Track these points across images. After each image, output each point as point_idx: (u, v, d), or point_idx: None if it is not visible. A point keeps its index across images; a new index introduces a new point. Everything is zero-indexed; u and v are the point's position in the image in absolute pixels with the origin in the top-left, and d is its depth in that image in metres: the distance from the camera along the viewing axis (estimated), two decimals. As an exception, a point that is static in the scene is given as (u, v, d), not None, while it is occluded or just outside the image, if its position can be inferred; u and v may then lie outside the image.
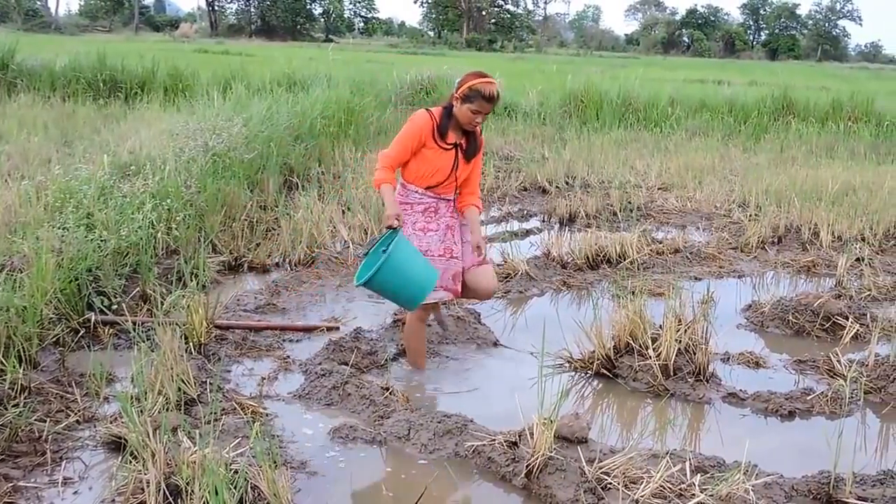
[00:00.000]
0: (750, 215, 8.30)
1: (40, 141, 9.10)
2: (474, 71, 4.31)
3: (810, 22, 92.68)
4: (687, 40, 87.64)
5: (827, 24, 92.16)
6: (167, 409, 3.69)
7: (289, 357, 4.68)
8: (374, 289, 4.11)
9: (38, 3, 69.63)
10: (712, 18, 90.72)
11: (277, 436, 3.71)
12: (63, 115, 11.82)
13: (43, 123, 10.59)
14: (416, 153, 4.27)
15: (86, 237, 5.18)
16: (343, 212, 7.46)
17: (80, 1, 78.98)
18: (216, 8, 77.82)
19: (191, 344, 4.53)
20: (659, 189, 9.90)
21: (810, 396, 4.32)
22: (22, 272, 4.61)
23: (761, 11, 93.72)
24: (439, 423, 3.76)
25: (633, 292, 4.90)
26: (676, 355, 4.47)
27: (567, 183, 9.96)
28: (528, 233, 7.94)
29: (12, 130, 9.62)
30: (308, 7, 78.00)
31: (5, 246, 4.99)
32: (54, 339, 4.44)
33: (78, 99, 13.58)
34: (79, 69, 14.67)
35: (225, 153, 7.78)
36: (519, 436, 3.56)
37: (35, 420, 3.62)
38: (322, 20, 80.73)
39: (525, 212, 8.80)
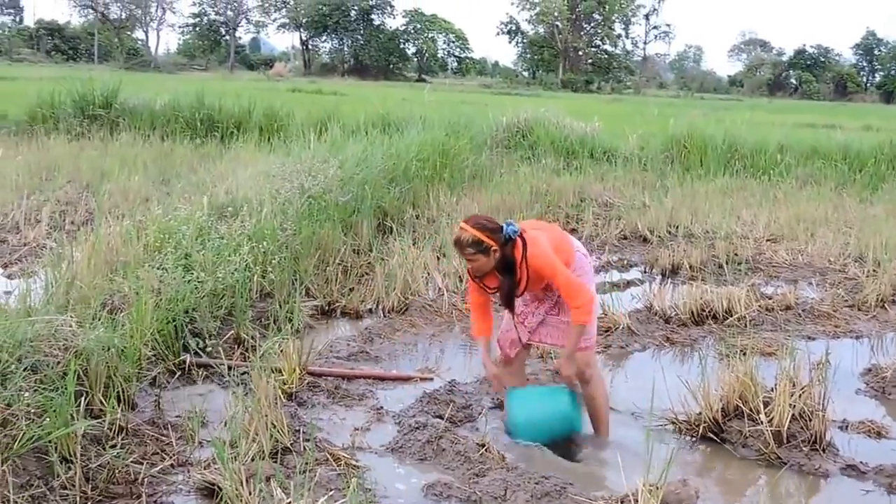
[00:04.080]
0: (867, 271, 7.81)
1: (140, 180, 9.35)
2: None
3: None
4: (794, 82, 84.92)
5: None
6: (261, 457, 3.65)
7: (382, 407, 4.58)
8: (538, 439, 4.20)
9: (139, 42, 73.28)
10: (822, 59, 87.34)
11: (370, 490, 3.61)
12: (161, 154, 12.18)
13: (143, 162, 10.93)
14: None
15: (184, 278, 5.23)
16: (438, 258, 7.35)
17: (178, 41, 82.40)
18: (310, 47, 79.64)
19: (281, 391, 4.47)
20: (767, 241, 9.44)
21: (942, 473, 3.97)
22: (122, 312, 4.67)
23: (876, 52, 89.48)
24: (537, 484, 3.60)
25: (743, 351, 4.64)
26: (790, 421, 4.17)
27: (669, 232, 9.63)
28: (628, 284, 7.65)
29: (114, 169, 9.93)
30: (402, 47, 79.01)
31: (106, 285, 5.06)
32: (150, 380, 4.46)
33: (176, 138, 13.93)
34: (178, 108, 15.07)
35: (320, 195, 7.76)
36: (622, 501, 3.39)
37: (132, 462, 3.62)
38: (415, 59, 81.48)
39: (625, 261, 8.54)
